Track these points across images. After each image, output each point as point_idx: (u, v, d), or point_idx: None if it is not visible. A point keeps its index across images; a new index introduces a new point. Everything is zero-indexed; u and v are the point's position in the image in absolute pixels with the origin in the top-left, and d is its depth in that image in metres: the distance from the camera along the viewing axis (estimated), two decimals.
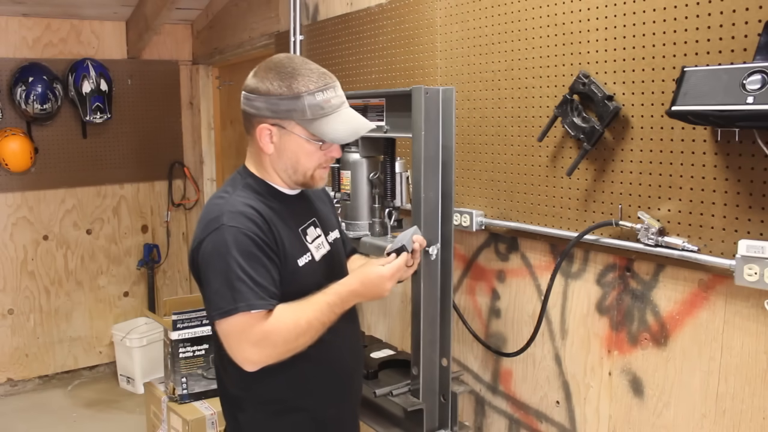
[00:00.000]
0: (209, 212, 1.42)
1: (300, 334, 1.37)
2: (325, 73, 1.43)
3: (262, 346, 1.34)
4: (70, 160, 4.18)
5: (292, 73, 1.40)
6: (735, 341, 1.43)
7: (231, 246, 1.34)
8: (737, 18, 1.34)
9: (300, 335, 1.37)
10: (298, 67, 1.41)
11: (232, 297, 1.32)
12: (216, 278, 1.35)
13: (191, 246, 1.44)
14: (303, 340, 1.38)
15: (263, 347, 1.34)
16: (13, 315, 4.12)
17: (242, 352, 1.34)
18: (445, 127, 1.70)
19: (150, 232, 4.57)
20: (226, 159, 4.49)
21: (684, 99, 1.31)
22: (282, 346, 1.36)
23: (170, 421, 2.92)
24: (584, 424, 1.81)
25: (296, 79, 1.39)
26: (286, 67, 1.41)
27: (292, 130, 1.42)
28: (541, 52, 1.79)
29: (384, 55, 2.42)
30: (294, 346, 1.37)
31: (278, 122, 1.41)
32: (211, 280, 1.35)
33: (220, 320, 1.34)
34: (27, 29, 3.99)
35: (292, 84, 1.39)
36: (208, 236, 1.37)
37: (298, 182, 1.50)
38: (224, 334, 1.35)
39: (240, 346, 1.34)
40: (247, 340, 1.33)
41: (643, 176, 1.56)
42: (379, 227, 1.89)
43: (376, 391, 1.75)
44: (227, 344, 1.36)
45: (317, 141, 1.43)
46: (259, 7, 3.54)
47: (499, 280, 2.06)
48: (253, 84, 1.43)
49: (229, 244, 1.34)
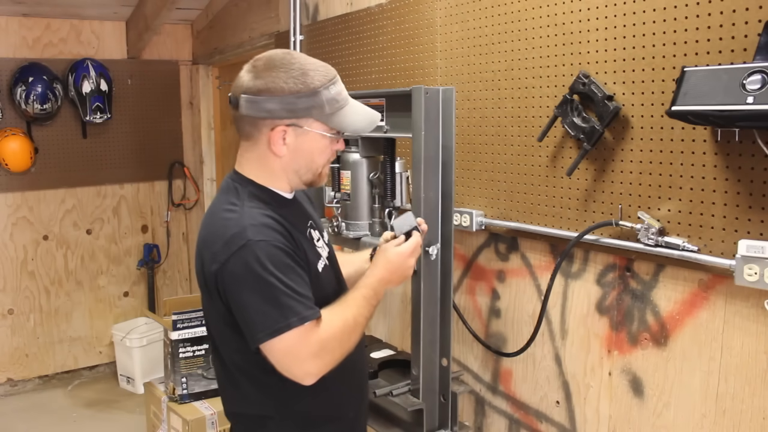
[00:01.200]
0: (224, 228, 1.30)
1: (351, 334, 1.34)
2: (327, 65, 1.38)
3: (322, 356, 1.28)
4: (70, 160, 4.18)
5: (300, 69, 1.32)
6: (735, 341, 1.43)
7: (265, 261, 1.25)
8: (737, 18, 1.34)
9: (351, 334, 1.34)
10: (303, 62, 1.34)
11: (281, 314, 1.24)
12: (255, 298, 1.25)
13: (208, 266, 1.32)
14: (354, 339, 1.36)
15: (323, 356, 1.28)
16: (13, 315, 4.12)
17: (302, 366, 1.27)
18: (445, 127, 1.70)
19: (150, 232, 4.57)
20: (226, 159, 4.49)
21: (684, 99, 1.31)
22: (339, 350, 1.32)
23: (170, 421, 2.92)
24: (584, 424, 1.81)
25: (308, 75, 1.32)
26: (292, 64, 1.33)
27: (311, 128, 1.35)
28: (541, 52, 1.79)
29: (384, 55, 2.42)
30: (348, 348, 1.34)
31: (295, 122, 1.33)
32: (250, 301, 1.26)
33: (270, 340, 1.24)
34: (27, 29, 3.99)
35: (306, 80, 1.31)
36: (233, 255, 1.26)
37: (307, 182, 1.44)
38: (280, 353, 1.27)
39: (299, 362, 1.27)
40: (307, 353, 1.26)
41: (643, 176, 1.56)
42: (379, 227, 1.89)
43: (376, 391, 1.75)
44: (284, 362, 1.28)
45: (335, 135, 1.39)
46: (259, 7, 3.54)
47: (499, 280, 2.06)
48: (259, 85, 1.31)
49: (262, 260, 1.25)
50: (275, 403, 1.40)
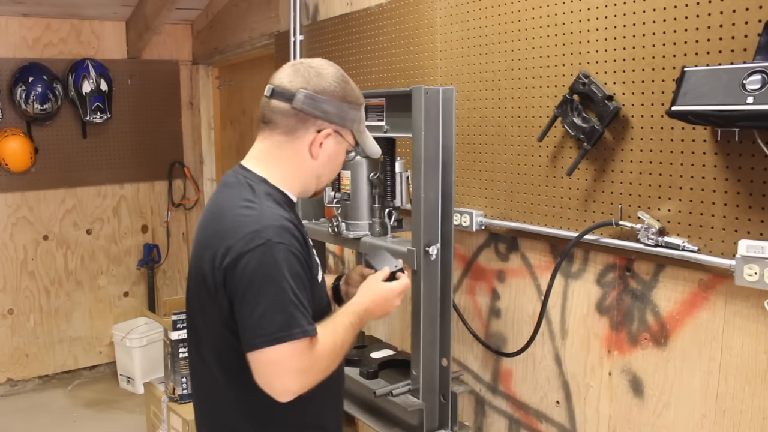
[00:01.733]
0: (242, 224, 1.26)
1: (336, 358, 1.33)
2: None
3: (308, 374, 1.25)
4: (70, 160, 4.18)
5: (349, 82, 1.42)
6: (735, 341, 1.43)
7: (282, 266, 1.22)
8: (737, 18, 1.34)
9: (336, 359, 1.33)
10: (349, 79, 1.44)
11: (285, 322, 1.20)
12: (263, 301, 1.21)
13: (219, 260, 1.26)
14: (337, 363, 1.35)
15: (308, 375, 1.25)
16: (13, 315, 4.12)
17: (284, 381, 1.22)
18: (445, 127, 1.69)
19: (150, 232, 4.57)
20: (226, 159, 4.48)
21: (684, 99, 1.31)
22: (324, 371, 1.30)
23: (170, 421, 2.92)
24: (584, 424, 1.81)
25: (355, 91, 1.42)
26: (344, 75, 1.41)
27: (346, 139, 1.43)
28: (541, 52, 1.79)
29: (384, 55, 2.42)
30: (330, 371, 1.32)
31: (340, 129, 1.40)
32: (258, 303, 1.21)
33: (266, 347, 1.20)
34: (27, 29, 3.99)
35: (356, 94, 1.42)
36: (251, 251, 1.22)
37: (319, 190, 1.49)
38: (267, 363, 1.21)
39: (283, 376, 1.22)
40: (296, 368, 1.22)
41: (643, 176, 1.56)
42: (379, 227, 1.89)
43: (376, 391, 1.75)
44: (267, 373, 1.22)
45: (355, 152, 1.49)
46: (259, 7, 3.54)
47: (499, 280, 2.06)
48: (324, 85, 1.36)
49: (280, 263, 1.22)
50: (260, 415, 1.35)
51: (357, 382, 1.92)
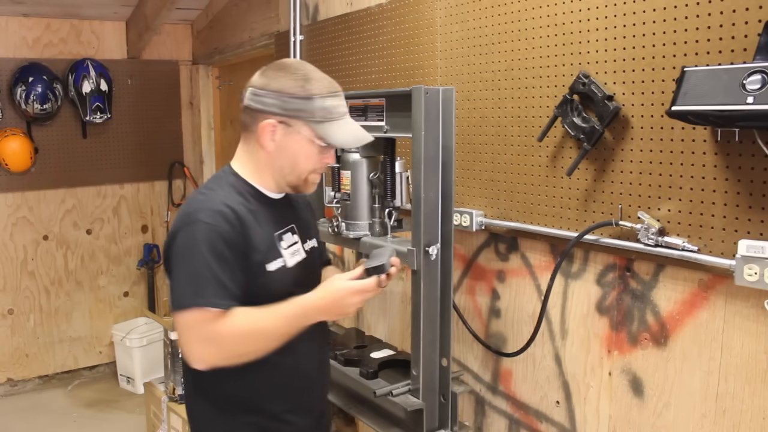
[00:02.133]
0: (188, 206, 1.43)
1: (252, 341, 1.39)
2: (333, 81, 1.49)
3: (211, 346, 1.36)
4: (70, 160, 4.18)
5: (304, 76, 1.44)
6: (735, 341, 1.43)
7: (201, 242, 1.35)
8: (737, 18, 1.34)
9: (252, 342, 1.39)
10: (310, 71, 1.46)
11: (193, 291, 1.34)
12: (182, 272, 1.37)
13: (167, 238, 1.45)
14: (256, 346, 1.39)
15: (211, 347, 1.36)
16: (13, 315, 4.12)
17: (191, 347, 1.37)
18: (445, 127, 1.69)
19: (150, 232, 4.57)
20: (226, 159, 4.44)
21: (684, 99, 1.31)
22: (230, 349, 1.38)
23: (170, 421, 2.93)
24: (584, 424, 1.81)
25: (309, 82, 1.43)
26: (298, 70, 1.45)
27: (299, 130, 1.44)
28: (541, 52, 1.79)
29: (384, 55, 2.42)
30: (244, 352, 1.39)
31: (285, 120, 1.43)
32: (178, 274, 1.38)
33: (175, 312, 1.36)
34: (27, 29, 3.99)
35: (305, 85, 1.43)
36: (181, 230, 1.39)
37: (291, 184, 1.51)
38: (178, 327, 1.38)
39: (190, 342, 1.36)
40: (198, 336, 1.35)
41: (643, 176, 1.56)
42: (379, 227, 1.89)
43: (376, 391, 1.75)
44: (180, 338, 1.39)
45: (321, 143, 1.46)
46: (259, 7, 3.54)
47: (499, 280, 2.06)
48: (263, 81, 1.45)
49: (199, 240, 1.36)
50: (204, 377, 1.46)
51: (357, 382, 1.92)
